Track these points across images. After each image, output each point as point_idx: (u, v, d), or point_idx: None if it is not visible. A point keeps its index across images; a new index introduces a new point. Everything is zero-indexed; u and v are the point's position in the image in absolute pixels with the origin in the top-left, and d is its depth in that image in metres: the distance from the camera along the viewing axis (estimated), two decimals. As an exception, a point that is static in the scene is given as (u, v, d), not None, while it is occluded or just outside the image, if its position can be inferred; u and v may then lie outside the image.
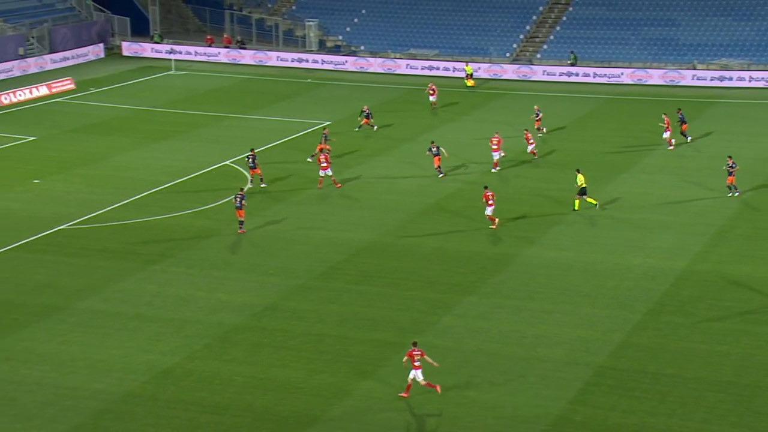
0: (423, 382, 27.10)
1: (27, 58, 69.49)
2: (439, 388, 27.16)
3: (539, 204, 43.03)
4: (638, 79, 68.06)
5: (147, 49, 76.09)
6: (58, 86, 63.86)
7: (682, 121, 52.45)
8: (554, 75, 69.58)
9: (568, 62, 70.90)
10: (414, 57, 73.14)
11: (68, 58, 72.02)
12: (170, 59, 72.34)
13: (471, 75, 67.26)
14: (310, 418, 26.31)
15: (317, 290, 34.19)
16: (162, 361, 28.95)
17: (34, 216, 40.54)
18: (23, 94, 61.27)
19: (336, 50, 76.22)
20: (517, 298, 33.72)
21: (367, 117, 54.24)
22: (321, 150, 46.02)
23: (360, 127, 54.07)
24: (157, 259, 36.55)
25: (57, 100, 61.87)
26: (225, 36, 78.23)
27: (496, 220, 39.93)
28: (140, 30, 79.98)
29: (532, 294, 34.02)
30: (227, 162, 48.83)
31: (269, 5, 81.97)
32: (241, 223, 38.94)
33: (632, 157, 50.33)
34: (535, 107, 54.91)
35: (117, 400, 26.87)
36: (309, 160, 48.32)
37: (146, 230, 39.48)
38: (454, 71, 70.80)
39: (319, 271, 35.79)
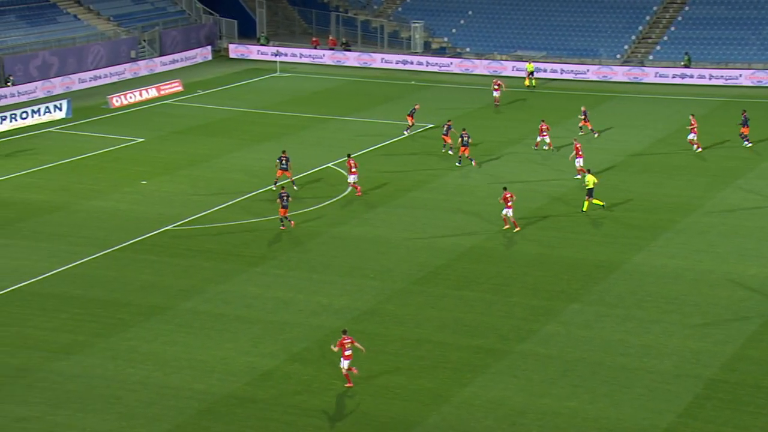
0: (344, 370, 27.87)
1: (138, 60, 71.71)
2: (356, 371, 27.89)
3: (649, 210, 42.20)
4: (758, 81, 66.08)
5: (253, 52, 77.60)
6: (166, 88, 65.71)
7: (744, 124, 50.95)
8: (667, 77, 68.15)
9: (682, 63, 69.30)
10: (520, 59, 72.61)
11: (177, 61, 74.02)
12: (275, 61, 73.62)
13: (532, 73, 66.65)
14: (408, 424, 26.41)
15: (416, 295, 34.28)
16: (262, 363, 29.47)
17: (141, 217, 41.80)
18: (133, 97, 63.24)
19: (441, 52, 76.28)
20: (623, 307, 33.15)
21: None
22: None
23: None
24: (258, 261, 37.19)
25: (165, 102, 63.67)
26: (330, 38, 79.17)
27: (516, 224, 39.48)
28: (247, 32, 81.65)
29: (639, 302, 33.39)
30: (329, 164, 49.39)
31: (375, 7, 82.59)
32: (282, 220, 39.65)
33: (749, 162, 48.91)
34: (582, 107, 53.98)
35: (218, 401, 27.46)
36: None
37: (249, 232, 40.22)
38: (561, 73, 70.04)
39: (418, 275, 35.88)
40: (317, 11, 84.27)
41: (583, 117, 53.63)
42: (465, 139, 47.68)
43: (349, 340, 27.96)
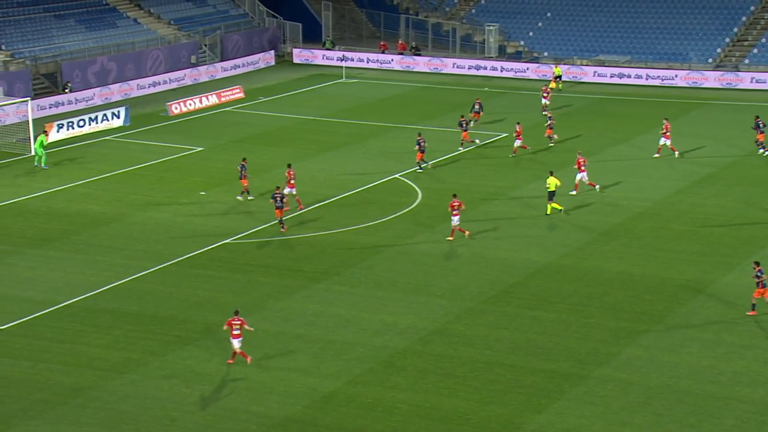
0: (238, 351, 30.27)
1: (198, 66, 72.80)
2: (249, 360, 30.29)
3: (740, 226, 41.38)
4: None
5: (318, 56, 78.23)
6: (227, 95, 66.57)
7: (758, 129, 49.73)
8: (764, 83, 66.89)
9: (780, 67, 68.04)
10: (602, 64, 71.97)
11: (238, 66, 74.98)
12: (341, 66, 74.08)
13: (560, 77, 67.00)
14: (476, 453, 26.23)
15: (487, 314, 34.08)
16: (323, 385, 29.55)
17: (199, 229, 42.32)
18: (193, 104, 64.18)
19: (517, 56, 75.99)
20: (711, 331, 32.52)
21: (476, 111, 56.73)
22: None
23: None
24: (320, 276, 37.36)
25: (226, 109, 64.51)
26: (399, 42, 79.38)
27: (463, 231, 40.09)
28: (312, 36, 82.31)
29: (730, 326, 32.73)
30: (396, 176, 49.45)
31: (447, 9, 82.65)
32: (282, 221, 41.13)
33: None
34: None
35: (276, 425, 27.58)
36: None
37: (310, 246, 40.44)
38: (647, 79, 69.22)
39: (490, 293, 35.68)
40: (386, 14, 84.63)
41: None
42: (422, 144, 49.19)
43: (238, 322, 30.16)
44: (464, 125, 53.17)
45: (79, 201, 46.08)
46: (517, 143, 51.98)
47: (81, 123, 57.83)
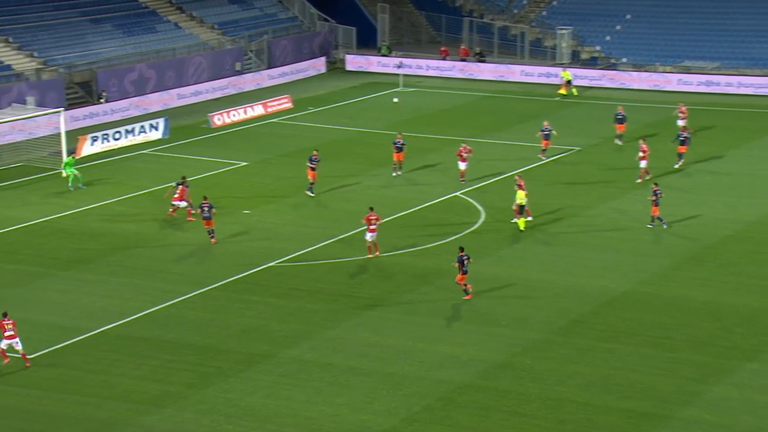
0: (21, 352, 32.68)
1: (243, 73, 73.63)
2: (8, 360, 32.65)
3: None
4: None
5: (373, 63, 78.73)
6: (274, 105, 67.25)
7: None
8: None
9: None
10: (688, 70, 71.47)
11: (287, 74, 75.72)
12: (398, 74, 74.42)
13: (570, 82, 67.90)
14: (545, 500, 26.12)
15: (558, 347, 33.96)
16: (377, 423, 29.62)
17: (242, 251, 42.74)
18: (237, 114, 64.94)
19: (592, 63, 75.77)
20: (810, 368, 32.10)
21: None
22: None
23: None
24: (373, 303, 37.49)
25: (272, 120, 65.13)
26: (462, 47, 79.58)
27: (376, 249, 40.89)
28: (367, 41, 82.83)
29: (830, 363, 32.27)
30: (457, 193, 49.51)
31: (515, 11, 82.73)
32: (211, 233, 42.89)
33: None
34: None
35: (324, 464, 27.78)
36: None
37: (363, 270, 40.58)
38: (738, 87, 68.62)
39: (560, 324, 35.55)
40: (447, 16, 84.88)
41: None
42: (399, 144, 50.86)
43: (10, 322, 32.51)
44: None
45: (115, 220, 46.80)
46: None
47: (117, 135, 58.75)
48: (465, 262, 37.03)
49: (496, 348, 33.91)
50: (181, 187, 46.35)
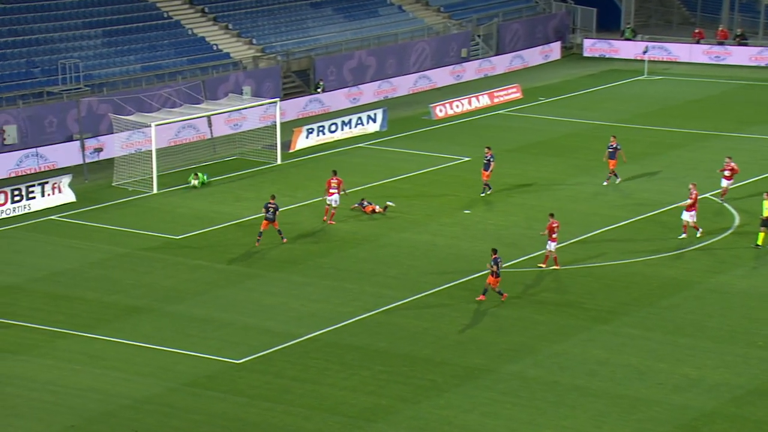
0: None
1: (470, 60, 73.77)
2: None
3: None
4: None
5: (615, 48, 77.43)
6: (501, 95, 67.10)
7: None
8: None
9: None
10: None
11: (516, 61, 75.41)
12: (643, 60, 72.89)
13: None
14: None
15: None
16: (606, 450, 29.14)
17: (462, 254, 42.75)
18: (461, 105, 65.15)
19: None
20: None
21: None
22: None
23: None
24: (607, 316, 36.88)
25: (499, 111, 64.99)
26: (720, 29, 77.17)
27: (556, 263, 40.28)
28: (608, 24, 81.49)
29: None
30: (707, 195, 48.03)
31: (783, -14, 79.45)
32: (260, 234, 43.59)
33: None
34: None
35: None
36: None
37: (596, 279, 39.97)
38: None
39: (823, 346, 33.96)
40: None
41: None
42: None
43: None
44: None
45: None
46: None
47: (333, 128, 59.92)
48: (499, 264, 37.59)
49: (750, 372, 32.84)
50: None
